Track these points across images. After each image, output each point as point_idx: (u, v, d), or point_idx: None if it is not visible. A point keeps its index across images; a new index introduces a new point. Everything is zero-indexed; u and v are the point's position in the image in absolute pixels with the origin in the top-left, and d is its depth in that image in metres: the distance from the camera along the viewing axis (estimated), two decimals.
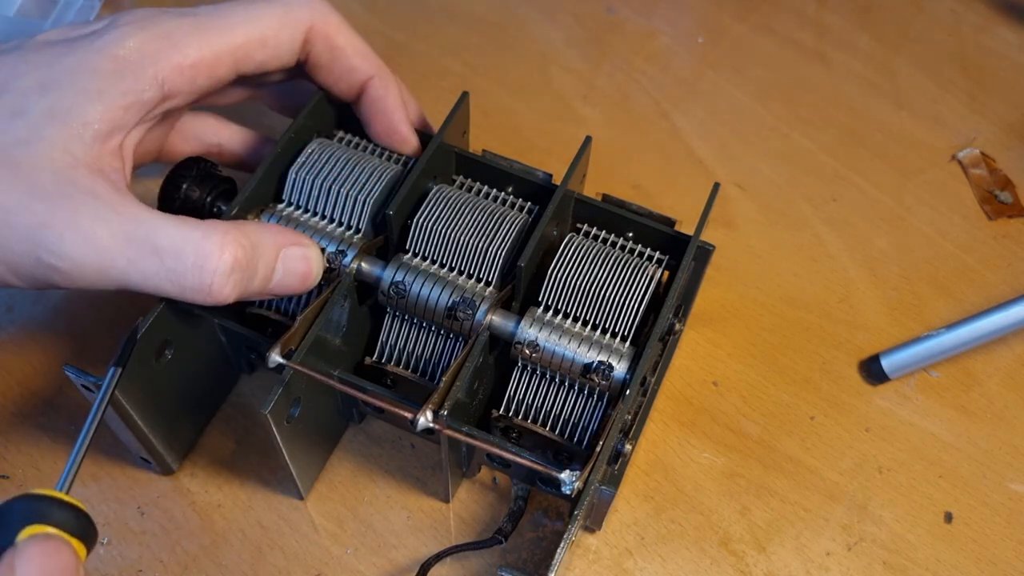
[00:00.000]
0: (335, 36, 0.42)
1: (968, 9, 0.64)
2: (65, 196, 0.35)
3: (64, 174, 0.35)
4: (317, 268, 0.40)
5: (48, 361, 0.48)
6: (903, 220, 0.55)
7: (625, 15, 0.64)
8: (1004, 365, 0.50)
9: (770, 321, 0.51)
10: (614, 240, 0.44)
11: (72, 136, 0.36)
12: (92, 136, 0.36)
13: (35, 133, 0.35)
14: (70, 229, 0.35)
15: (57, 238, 0.34)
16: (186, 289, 0.36)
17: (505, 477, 0.46)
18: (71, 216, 0.35)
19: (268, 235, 0.38)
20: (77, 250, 0.35)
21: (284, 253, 0.39)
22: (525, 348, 0.40)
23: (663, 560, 0.44)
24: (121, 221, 0.35)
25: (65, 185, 0.35)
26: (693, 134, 0.58)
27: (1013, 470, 0.47)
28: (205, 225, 0.36)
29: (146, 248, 0.35)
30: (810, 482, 0.46)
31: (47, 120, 0.36)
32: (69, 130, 0.36)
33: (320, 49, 0.42)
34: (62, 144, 0.35)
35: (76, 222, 0.35)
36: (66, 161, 0.35)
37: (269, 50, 0.40)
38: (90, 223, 0.35)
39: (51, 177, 0.35)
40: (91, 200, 0.35)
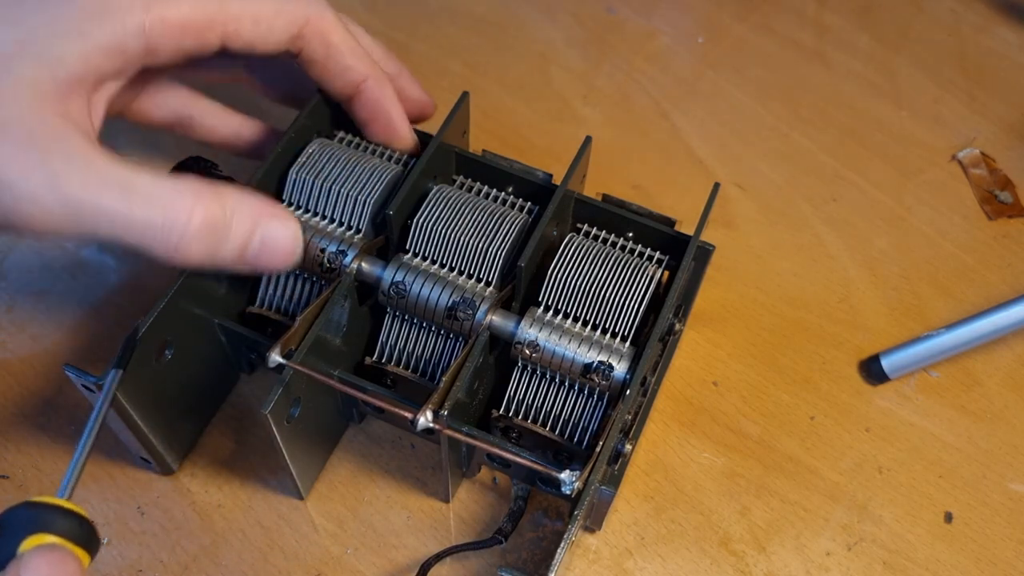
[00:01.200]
0: (330, 34, 0.41)
1: (968, 9, 0.64)
2: (32, 136, 0.33)
3: (32, 113, 0.33)
4: (298, 244, 0.38)
5: (48, 361, 0.48)
6: (903, 220, 0.55)
7: (625, 15, 0.64)
8: (1004, 365, 0.50)
9: (770, 321, 0.51)
10: (614, 240, 0.44)
11: (43, 75, 0.34)
12: (65, 77, 0.34)
13: (5, 66, 0.33)
14: (38, 171, 0.33)
15: (24, 181, 0.32)
16: (153, 244, 0.34)
17: (505, 477, 0.46)
18: (40, 157, 0.33)
19: (246, 202, 0.36)
20: (44, 194, 0.33)
21: (263, 224, 0.37)
22: (525, 348, 0.40)
23: (663, 560, 0.44)
24: (92, 167, 0.33)
25: (34, 124, 0.33)
26: (693, 134, 0.58)
27: (1013, 470, 0.47)
28: (180, 181, 0.35)
29: (116, 197, 0.33)
30: (810, 482, 0.46)
31: (17, 53, 0.34)
32: (40, 67, 0.34)
33: (315, 46, 0.41)
34: (30, 80, 0.33)
35: (45, 164, 0.33)
36: (33, 100, 0.33)
37: (260, 30, 0.39)
38: (60, 166, 0.33)
39: (17, 115, 0.33)
40: (60, 144, 0.33)
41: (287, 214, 0.38)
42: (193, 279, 0.40)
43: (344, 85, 0.43)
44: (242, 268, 0.37)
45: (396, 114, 0.44)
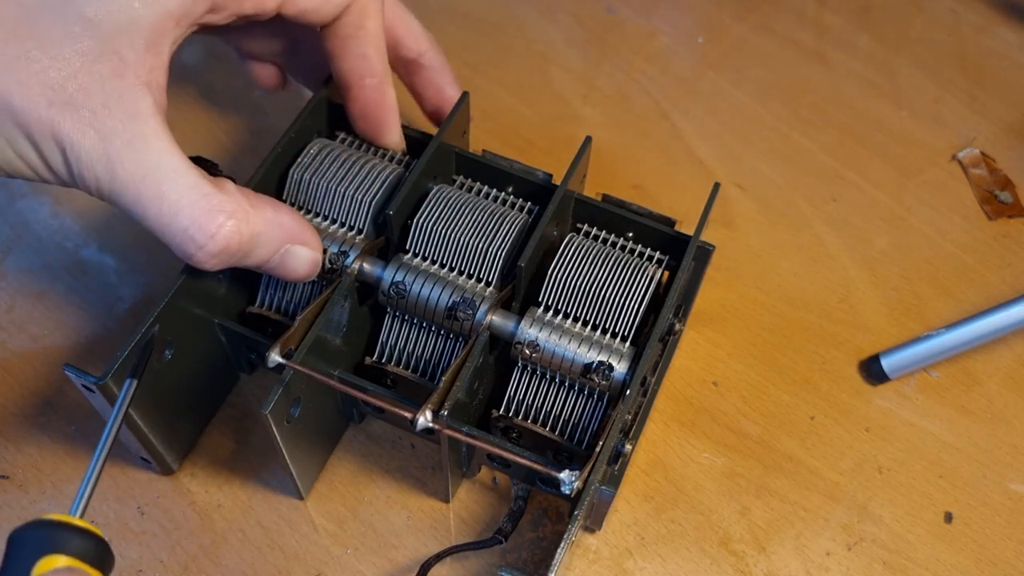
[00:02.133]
0: (369, 17, 0.41)
1: (968, 9, 0.64)
2: (106, 108, 0.34)
3: (111, 82, 0.34)
4: (316, 268, 0.40)
5: (48, 361, 0.48)
6: (903, 220, 0.55)
7: (625, 15, 0.64)
8: (1004, 365, 0.50)
9: (770, 321, 0.51)
10: (614, 240, 0.44)
11: (123, 40, 0.34)
12: (144, 42, 0.35)
13: (87, 29, 0.34)
14: (101, 147, 0.34)
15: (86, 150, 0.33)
16: (171, 244, 0.35)
17: (505, 477, 0.46)
18: (107, 134, 0.34)
19: (276, 228, 0.37)
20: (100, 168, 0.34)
21: (288, 249, 0.38)
22: (525, 348, 0.40)
23: (663, 560, 0.44)
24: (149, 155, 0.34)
25: (110, 96, 0.34)
26: (693, 134, 0.58)
27: (1013, 470, 0.47)
28: (217, 197, 0.35)
29: (154, 193, 0.34)
30: (810, 482, 0.46)
31: (101, 16, 0.34)
32: (120, 32, 0.34)
33: (349, 22, 0.41)
34: (113, 46, 0.34)
35: (109, 142, 0.34)
36: (115, 65, 0.34)
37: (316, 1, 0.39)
38: (121, 148, 0.34)
39: (98, 84, 0.34)
40: (129, 122, 0.34)
41: (314, 239, 0.39)
42: (193, 279, 0.40)
43: (351, 70, 0.43)
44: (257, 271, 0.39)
45: (389, 121, 0.44)
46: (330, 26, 0.42)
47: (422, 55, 0.47)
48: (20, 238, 0.52)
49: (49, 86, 0.33)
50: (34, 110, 0.33)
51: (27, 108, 0.33)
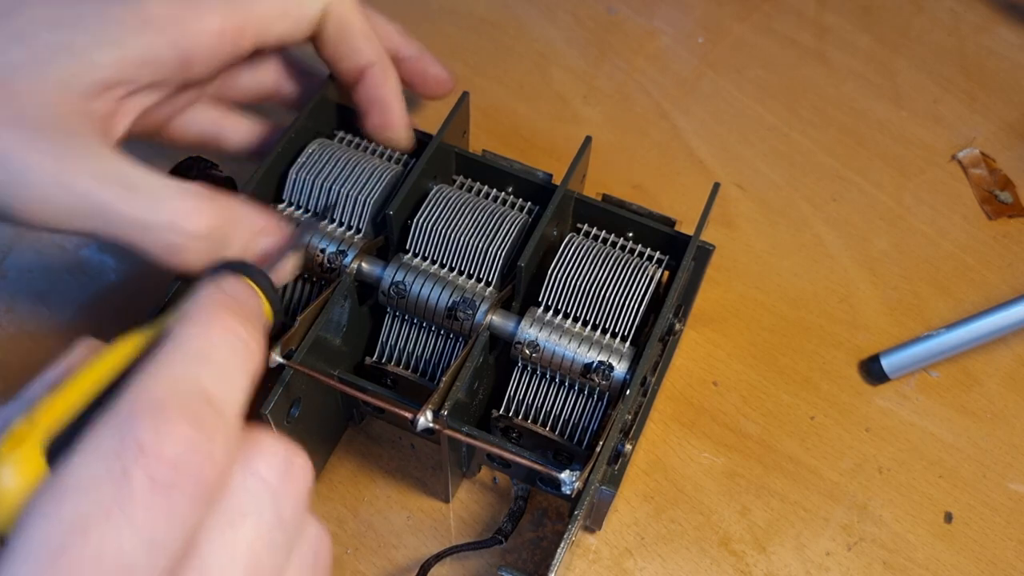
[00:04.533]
0: (348, 16, 0.42)
1: (968, 9, 0.64)
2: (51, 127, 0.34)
3: (56, 107, 0.34)
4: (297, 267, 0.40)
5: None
6: (903, 220, 0.55)
7: (625, 15, 0.64)
8: (1004, 365, 0.50)
9: (770, 321, 0.51)
10: (614, 240, 0.44)
11: (74, 74, 0.35)
12: (96, 79, 0.35)
13: (35, 61, 0.34)
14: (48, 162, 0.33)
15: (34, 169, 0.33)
16: (152, 245, 0.35)
17: (505, 477, 0.46)
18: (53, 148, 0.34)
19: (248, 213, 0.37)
20: (52, 185, 0.33)
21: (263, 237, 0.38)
22: (525, 348, 0.40)
23: (663, 560, 0.44)
24: (101, 163, 0.34)
25: (54, 119, 0.34)
26: (693, 134, 0.58)
27: (1013, 470, 0.47)
28: (185, 186, 0.35)
29: (119, 195, 0.34)
30: (810, 482, 0.46)
31: (52, 53, 0.34)
32: (72, 67, 0.35)
33: (330, 28, 0.42)
34: (60, 77, 0.34)
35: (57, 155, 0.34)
36: (59, 97, 0.34)
37: (289, 23, 0.40)
38: (71, 159, 0.34)
39: (40, 109, 0.34)
40: (75, 139, 0.34)
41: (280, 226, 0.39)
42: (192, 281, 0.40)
43: (350, 68, 0.43)
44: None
45: (395, 105, 0.44)
46: (316, 38, 0.42)
47: (398, 49, 0.47)
48: (20, 238, 0.52)
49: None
50: None
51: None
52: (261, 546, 0.24)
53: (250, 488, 0.24)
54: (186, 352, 0.24)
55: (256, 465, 0.25)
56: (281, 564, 0.25)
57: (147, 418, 0.22)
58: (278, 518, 0.24)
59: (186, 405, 0.23)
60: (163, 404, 0.23)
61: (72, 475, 0.21)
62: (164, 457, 0.22)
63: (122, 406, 0.23)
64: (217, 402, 0.24)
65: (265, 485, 0.25)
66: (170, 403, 0.23)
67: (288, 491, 0.25)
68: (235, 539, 0.23)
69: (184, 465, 0.22)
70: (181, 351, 0.24)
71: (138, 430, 0.22)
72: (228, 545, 0.23)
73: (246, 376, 0.26)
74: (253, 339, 0.26)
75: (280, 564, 0.25)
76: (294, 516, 0.25)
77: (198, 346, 0.25)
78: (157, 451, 0.22)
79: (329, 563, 0.27)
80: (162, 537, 0.22)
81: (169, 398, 0.23)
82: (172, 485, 0.22)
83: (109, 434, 0.22)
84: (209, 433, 0.23)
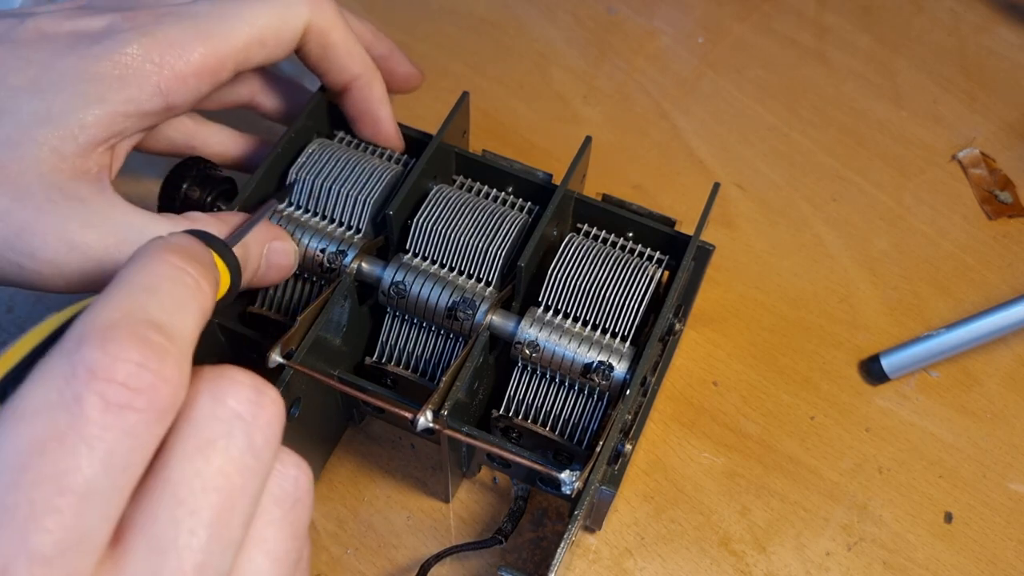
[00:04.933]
0: (329, 34, 0.42)
1: (968, 9, 0.64)
2: (51, 202, 0.35)
3: (50, 177, 0.35)
4: (296, 260, 0.41)
5: None
6: (903, 220, 0.55)
7: (625, 15, 0.64)
8: (1004, 365, 0.50)
9: (770, 321, 0.51)
10: (614, 240, 0.44)
11: (65, 136, 0.35)
12: (87, 141, 0.36)
13: (23, 133, 0.35)
14: (55, 236, 0.34)
15: (41, 244, 0.34)
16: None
17: (505, 477, 0.46)
18: (58, 222, 0.35)
19: (254, 233, 0.38)
20: (62, 256, 0.35)
21: (268, 248, 0.39)
22: (525, 348, 0.40)
23: (663, 560, 0.44)
24: (110, 225, 0.35)
25: (51, 190, 0.35)
26: (693, 134, 0.58)
27: (1013, 470, 0.47)
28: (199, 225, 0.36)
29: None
30: (810, 482, 0.46)
31: (37, 121, 0.35)
32: (61, 131, 0.35)
33: (313, 44, 0.42)
34: (51, 145, 0.35)
35: (63, 228, 0.35)
36: (53, 163, 0.35)
37: (269, 49, 0.40)
38: (79, 229, 0.35)
39: (37, 181, 0.35)
40: (79, 206, 0.35)
41: (284, 233, 0.41)
42: None
43: (336, 80, 0.44)
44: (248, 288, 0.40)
45: (383, 115, 0.44)
46: (300, 52, 0.42)
47: (369, 47, 0.46)
48: None
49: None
50: None
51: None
52: (232, 469, 0.24)
53: (219, 416, 0.24)
54: (132, 284, 0.24)
55: (223, 395, 0.25)
56: (255, 490, 0.25)
57: (95, 343, 0.22)
58: (249, 444, 0.24)
59: (133, 329, 0.23)
60: (111, 329, 0.23)
61: (24, 402, 0.22)
62: (115, 378, 0.22)
63: (70, 335, 0.23)
64: (165, 327, 0.24)
65: (234, 414, 0.25)
66: (118, 328, 0.23)
67: (259, 421, 0.25)
68: (205, 463, 0.24)
69: (136, 385, 0.22)
70: (127, 284, 0.24)
71: (87, 354, 0.22)
72: (198, 469, 0.23)
73: (196, 310, 0.26)
74: (203, 278, 0.26)
75: (254, 489, 0.24)
76: (266, 444, 0.25)
77: (143, 279, 0.25)
78: (108, 373, 0.22)
79: (309, 503, 0.26)
80: (120, 457, 0.22)
81: (117, 323, 0.23)
82: (125, 405, 0.22)
83: (59, 362, 0.22)
84: (159, 354, 0.23)
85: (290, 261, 0.40)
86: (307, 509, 0.27)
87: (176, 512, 0.23)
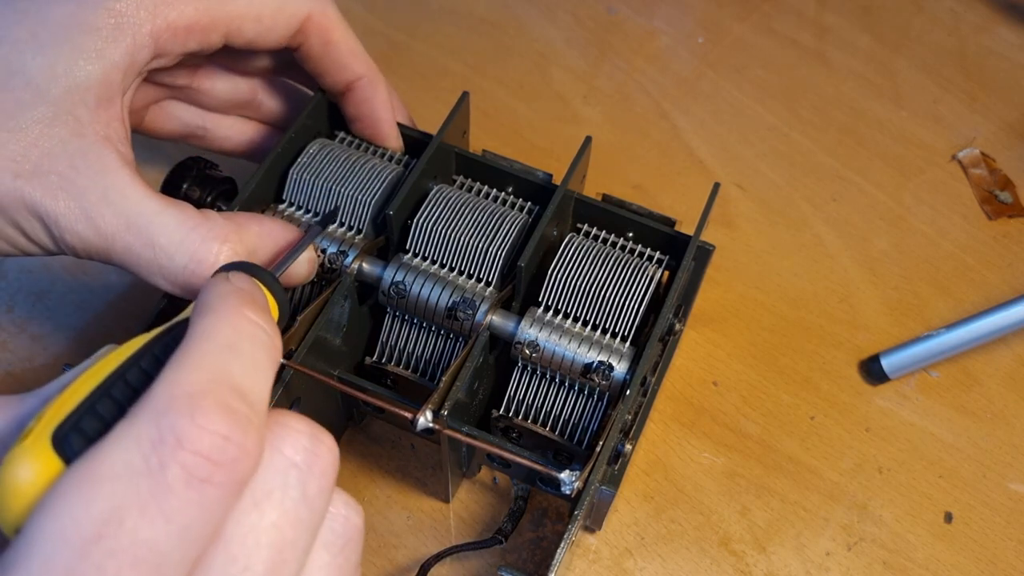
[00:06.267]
0: (331, 31, 0.42)
1: (968, 9, 0.64)
2: (74, 169, 0.34)
3: (72, 143, 0.34)
4: (314, 269, 0.40)
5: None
6: (903, 220, 0.55)
7: (625, 15, 0.64)
8: (1004, 365, 0.50)
9: (770, 321, 0.51)
10: (614, 240, 0.44)
11: (75, 100, 0.35)
12: (95, 100, 0.35)
13: (38, 95, 0.34)
14: (76, 207, 0.34)
15: (65, 215, 0.34)
16: (175, 286, 0.36)
17: (505, 477, 0.46)
18: (79, 193, 0.34)
19: (267, 238, 0.38)
20: (81, 227, 0.34)
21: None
22: (525, 348, 0.40)
23: (663, 560, 0.44)
24: (126, 205, 0.35)
25: (75, 157, 0.34)
26: (693, 134, 0.58)
27: (1013, 470, 0.47)
28: (204, 227, 0.36)
29: (143, 240, 0.35)
30: (810, 482, 0.46)
31: (48, 80, 0.35)
32: (72, 93, 0.35)
33: (314, 42, 0.42)
34: (67, 108, 0.35)
35: (83, 200, 0.34)
36: (72, 127, 0.35)
37: (262, 28, 0.40)
38: (97, 203, 0.34)
39: (60, 147, 0.34)
40: (99, 177, 0.35)
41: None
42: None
43: (337, 81, 0.43)
44: None
45: (384, 117, 0.44)
46: (299, 50, 0.42)
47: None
48: None
49: (11, 159, 0.34)
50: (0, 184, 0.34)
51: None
52: (286, 523, 0.24)
53: (275, 466, 0.24)
54: (215, 343, 0.24)
55: (281, 444, 0.25)
56: (307, 541, 0.25)
57: (184, 410, 0.22)
58: (303, 495, 0.25)
59: (220, 397, 0.23)
60: (198, 396, 0.23)
61: (107, 464, 0.21)
62: (201, 450, 0.22)
63: (158, 397, 0.23)
64: (248, 394, 0.24)
65: (290, 463, 0.25)
66: (205, 395, 0.23)
67: (314, 469, 0.25)
68: (260, 519, 0.24)
69: (220, 459, 0.22)
70: (210, 342, 0.24)
71: (175, 422, 0.22)
72: (253, 525, 0.23)
73: (271, 366, 0.26)
74: (275, 334, 0.27)
75: (306, 541, 0.25)
76: (320, 493, 0.25)
77: (225, 337, 0.25)
78: (194, 444, 0.22)
79: (359, 540, 0.26)
80: (195, 529, 0.22)
81: (204, 390, 0.23)
82: (207, 479, 0.22)
83: (146, 425, 0.22)
84: (243, 426, 0.23)
85: (304, 270, 0.39)
86: (358, 547, 0.27)
87: (229, 570, 0.23)
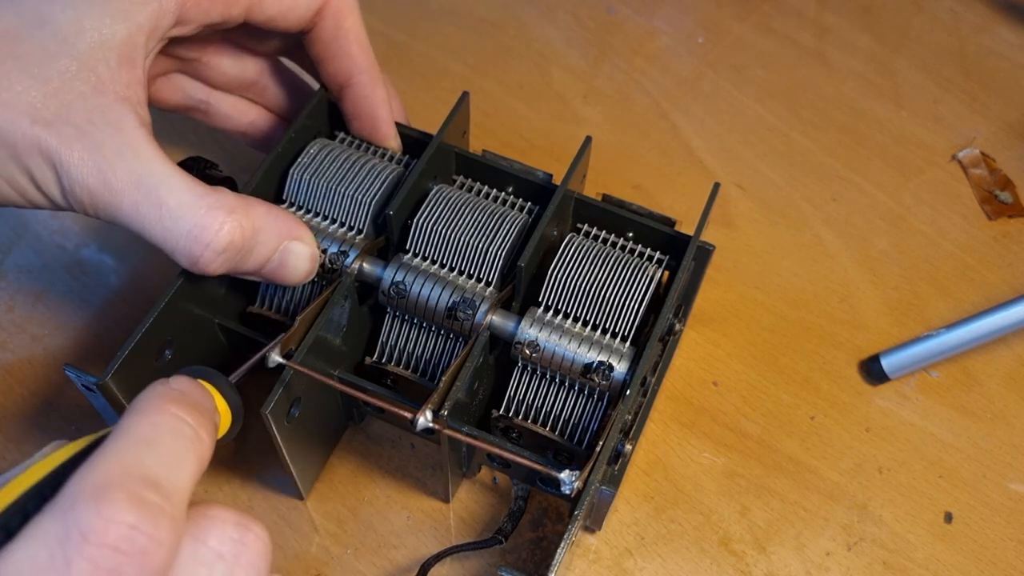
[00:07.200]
0: (346, 17, 0.42)
1: (968, 9, 0.64)
2: (91, 123, 0.34)
3: (92, 99, 0.34)
4: (314, 265, 0.40)
5: (48, 361, 0.48)
6: (903, 220, 0.55)
7: (625, 15, 0.64)
8: (1004, 365, 0.50)
9: (770, 321, 0.51)
10: (614, 240, 0.44)
11: (99, 58, 0.35)
12: (117, 60, 0.35)
13: (64, 48, 0.34)
14: (90, 159, 0.34)
15: (79, 167, 0.34)
16: (176, 251, 0.35)
17: (505, 477, 0.46)
18: (94, 146, 0.34)
19: (273, 223, 0.37)
20: (92, 180, 0.34)
21: (286, 246, 0.38)
22: (525, 348, 0.40)
23: (663, 560, 0.44)
24: (139, 163, 0.35)
25: (94, 112, 0.34)
26: (693, 134, 0.58)
27: (1013, 470, 0.47)
28: (213, 196, 0.35)
29: (152, 199, 0.35)
30: (810, 482, 0.46)
31: (75, 34, 0.34)
32: (96, 50, 0.35)
33: (328, 25, 0.42)
34: (90, 65, 0.34)
35: (98, 153, 0.34)
36: (93, 83, 0.34)
37: (283, 6, 0.40)
38: (111, 157, 0.34)
39: (80, 101, 0.34)
40: (116, 133, 0.34)
41: (308, 235, 0.39)
42: (192, 280, 0.40)
43: (338, 72, 0.43)
44: (255, 279, 0.39)
45: (382, 115, 0.44)
46: (310, 32, 0.42)
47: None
48: (20, 238, 0.52)
49: (31, 105, 0.34)
50: (18, 128, 0.33)
51: (11, 127, 0.33)
52: None
53: (200, 558, 0.24)
54: (130, 437, 0.24)
55: (205, 536, 0.24)
56: None
57: (90, 503, 0.22)
58: None
59: (129, 488, 0.22)
60: (106, 488, 0.22)
61: (12, 564, 0.21)
62: (107, 543, 0.21)
63: (66, 492, 0.22)
64: (162, 484, 0.23)
65: (216, 555, 0.24)
66: (113, 487, 0.22)
67: (240, 560, 0.25)
68: None
69: (128, 549, 0.22)
70: (125, 437, 0.24)
71: (81, 515, 0.22)
72: None
73: (193, 461, 0.26)
74: (202, 428, 0.26)
75: None
76: None
77: (142, 431, 0.25)
78: (100, 537, 0.21)
79: None
80: None
81: (112, 482, 0.22)
82: (115, 570, 0.21)
83: (52, 521, 0.22)
84: (154, 515, 0.22)
85: (306, 266, 0.39)
86: None
87: None
